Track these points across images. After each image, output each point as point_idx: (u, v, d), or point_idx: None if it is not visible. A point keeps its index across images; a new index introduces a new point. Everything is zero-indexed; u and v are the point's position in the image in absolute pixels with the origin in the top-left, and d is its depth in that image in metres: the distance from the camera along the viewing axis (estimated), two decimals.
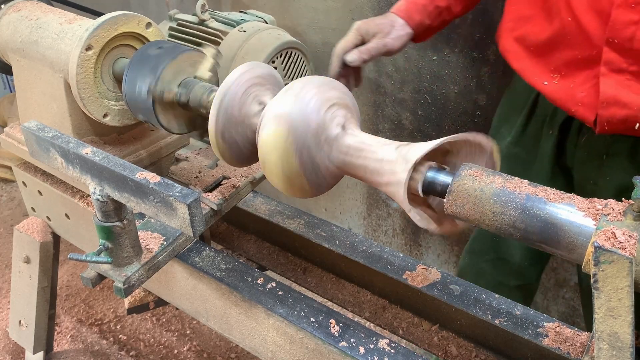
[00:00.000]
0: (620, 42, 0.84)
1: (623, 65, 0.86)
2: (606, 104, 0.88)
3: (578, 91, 0.93)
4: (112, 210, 0.89)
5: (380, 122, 1.83)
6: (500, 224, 0.69)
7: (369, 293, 1.14)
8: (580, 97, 0.92)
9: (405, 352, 0.88)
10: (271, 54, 1.32)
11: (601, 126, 0.90)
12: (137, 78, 0.95)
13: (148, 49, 0.97)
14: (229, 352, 1.81)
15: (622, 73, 0.86)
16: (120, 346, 1.83)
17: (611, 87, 0.87)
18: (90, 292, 2.03)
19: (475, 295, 1.01)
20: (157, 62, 0.94)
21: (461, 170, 0.73)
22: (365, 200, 2.05)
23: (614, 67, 0.87)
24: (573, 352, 0.90)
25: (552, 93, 0.97)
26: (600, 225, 0.61)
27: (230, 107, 0.85)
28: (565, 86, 0.95)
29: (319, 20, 1.79)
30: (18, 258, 1.45)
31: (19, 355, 1.76)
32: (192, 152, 1.25)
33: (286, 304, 0.97)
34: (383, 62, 1.71)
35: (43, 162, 0.97)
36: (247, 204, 1.26)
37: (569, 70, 0.94)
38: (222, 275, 1.03)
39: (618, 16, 0.83)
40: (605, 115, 0.89)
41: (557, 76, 0.96)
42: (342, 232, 1.17)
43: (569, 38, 0.91)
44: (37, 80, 1.10)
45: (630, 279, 0.58)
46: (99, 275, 0.94)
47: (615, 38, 0.84)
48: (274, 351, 1.00)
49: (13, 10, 1.16)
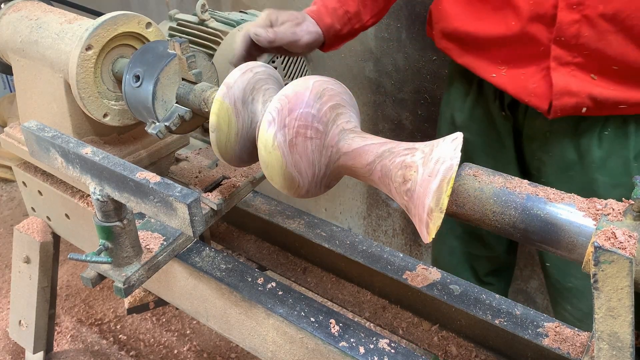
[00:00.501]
0: (567, 39, 0.93)
1: (569, 58, 0.94)
2: (559, 94, 0.96)
3: (529, 83, 0.99)
4: (112, 210, 0.89)
5: (380, 122, 1.83)
6: (500, 224, 0.69)
7: (369, 293, 1.14)
8: (532, 88, 0.99)
9: (405, 352, 0.88)
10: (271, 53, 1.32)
11: (554, 113, 0.98)
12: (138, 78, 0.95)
13: (148, 49, 0.97)
14: (229, 352, 1.81)
15: (569, 65, 0.95)
16: (120, 346, 1.83)
17: (562, 79, 0.95)
18: (90, 292, 2.03)
19: (475, 295, 1.01)
20: (157, 62, 0.94)
21: (461, 170, 0.73)
22: (365, 200, 2.05)
23: (562, 61, 0.95)
24: (573, 352, 0.90)
25: (503, 84, 1.03)
26: (600, 225, 0.61)
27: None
28: (515, 78, 1.01)
29: None
30: (18, 258, 1.45)
31: (19, 355, 1.76)
32: (192, 152, 1.25)
33: (286, 304, 0.97)
34: (383, 62, 1.71)
35: (43, 162, 0.97)
36: (247, 204, 1.26)
37: (516, 64, 1.01)
38: (222, 275, 1.03)
39: (563, 18, 0.91)
40: (558, 104, 0.97)
41: (504, 68, 1.02)
42: (342, 232, 1.17)
43: (515, 40, 0.98)
44: (37, 80, 1.10)
45: (630, 279, 0.58)
46: (99, 275, 0.94)
47: (562, 37, 0.93)
48: (274, 351, 1.00)
49: (13, 10, 1.16)
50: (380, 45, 1.69)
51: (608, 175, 1.02)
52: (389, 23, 1.63)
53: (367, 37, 1.71)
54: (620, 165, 1.01)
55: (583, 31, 0.91)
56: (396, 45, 1.65)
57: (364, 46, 1.73)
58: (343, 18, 1.08)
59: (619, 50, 0.91)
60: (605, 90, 0.94)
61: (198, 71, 0.95)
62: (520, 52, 0.99)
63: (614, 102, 0.95)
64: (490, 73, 1.04)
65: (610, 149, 1.01)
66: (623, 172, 1.01)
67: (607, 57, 0.92)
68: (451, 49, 1.11)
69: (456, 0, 1.06)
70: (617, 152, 1.01)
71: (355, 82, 1.81)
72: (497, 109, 1.11)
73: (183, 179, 1.14)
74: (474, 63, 1.07)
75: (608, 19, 0.89)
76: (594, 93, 0.95)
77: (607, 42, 0.91)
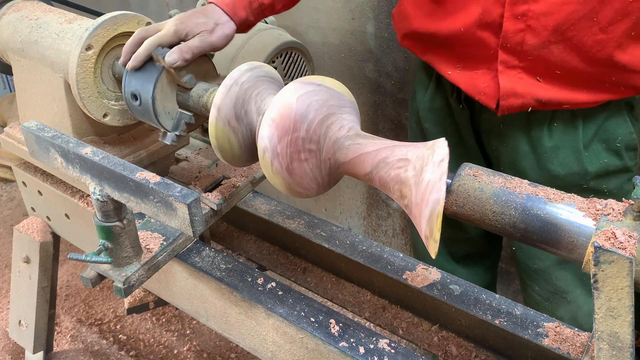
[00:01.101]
0: (512, 46, 0.98)
1: (515, 62, 1.00)
2: (505, 96, 1.01)
3: (479, 82, 1.04)
4: (112, 210, 0.89)
5: (380, 122, 1.83)
6: (500, 224, 0.69)
7: (369, 293, 1.14)
8: (482, 88, 1.04)
9: (405, 352, 0.88)
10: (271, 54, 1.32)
11: (502, 112, 1.04)
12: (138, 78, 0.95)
13: None
14: (229, 352, 1.81)
15: (515, 69, 1.00)
16: (120, 346, 1.83)
17: (508, 82, 1.01)
18: (90, 292, 2.03)
19: (475, 295, 1.01)
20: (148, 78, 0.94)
21: (461, 170, 0.73)
22: (365, 200, 2.05)
23: (508, 65, 1.00)
24: (573, 352, 0.90)
25: (457, 81, 1.08)
26: (600, 225, 0.61)
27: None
28: (467, 77, 1.06)
29: (319, 20, 1.79)
30: (18, 258, 1.45)
31: (19, 355, 1.76)
32: (192, 152, 1.25)
33: (286, 304, 0.97)
34: (383, 62, 1.71)
35: (43, 162, 0.97)
36: (247, 204, 1.26)
37: (469, 64, 1.06)
38: (222, 275, 1.03)
39: (508, 27, 0.96)
40: (505, 104, 1.02)
41: (460, 66, 1.07)
42: (342, 232, 1.17)
43: (467, 42, 1.03)
44: (37, 80, 1.10)
45: (630, 279, 0.58)
46: (99, 275, 0.94)
47: (508, 43, 0.98)
48: (274, 351, 1.00)
49: (13, 10, 1.16)
50: (380, 45, 1.69)
51: (560, 165, 1.07)
52: (389, 23, 1.63)
53: (367, 37, 1.71)
54: (571, 155, 1.06)
55: (527, 39, 0.96)
56: (396, 45, 1.65)
57: (364, 46, 1.73)
58: (257, 10, 1.06)
59: (560, 57, 0.96)
60: (549, 92, 1.00)
61: (189, 76, 0.95)
62: (472, 53, 1.04)
63: (557, 102, 1.00)
64: (446, 70, 1.09)
65: (561, 140, 1.06)
66: (574, 162, 1.06)
67: (550, 63, 0.97)
68: (414, 47, 1.17)
69: (415, 3, 1.11)
70: (567, 143, 1.06)
71: (355, 82, 1.81)
72: (455, 102, 1.16)
73: (183, 179, 1.14)
74: (433, 60, 1.13)
75: (550, 30, 0.94)
76: (539, 95, 1.00)
77: (549, 51, 0.96)
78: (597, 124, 1.04)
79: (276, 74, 0.92)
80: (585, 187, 1.07)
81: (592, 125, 1.04)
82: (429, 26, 1.08)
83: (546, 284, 1.18)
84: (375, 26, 1.67)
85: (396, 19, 1.20)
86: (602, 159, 1.05)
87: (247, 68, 0.87)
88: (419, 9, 1.10)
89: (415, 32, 1.12)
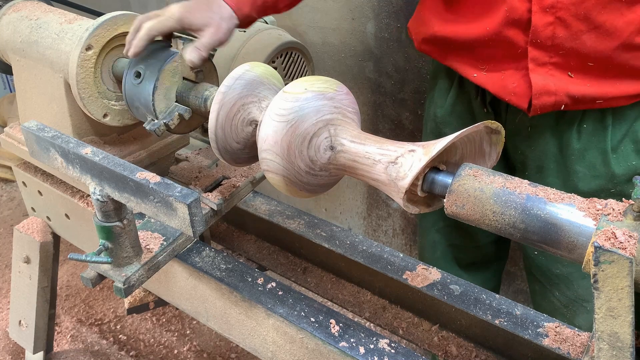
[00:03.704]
0: (542, 41, 0.95)
1: (545, 59, 0.97)
2: (538, 94, 0.99)
3: (509, 82, 1.02)
4: (112, 210, 0.89)
5: (380, 122, 1.83)
6: (500, 224, 0.69)
7: (369, 293, 1.14)
8: (512, 88, 1.02)
9: (406, 352, 0.88)
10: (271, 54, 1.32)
11: (534, 111, 1.01)
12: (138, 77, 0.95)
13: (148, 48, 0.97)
14: (229, 352, 1.81)
15: (545, 66, 0.98)
16: (120, 346, 1.83)
17: (540, 79, 0.98)
18: (90, 292, 2.03)
19: (475, 295, 1.01)
20: (157, 61, 0.94)
21: (461, 170, 0.73)
22: (365, 200, 2.05)
23: (539, 62, 0.98)
24: (573, 352, 0.90)
25: (484, 83, 1.06)
26: (600, 225, 0.61)
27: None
28: (495, 78, 1.04)
29: (319, 20, 1.79)
30: (18, 258, 1.45)
31: (19, 355, 1.76)
32: (192, 152, 1.25)
33: (286, 304, 0.97)
34: (383, 62, 1.71)
35: (43, 162, 0.97)
36: (247, 204, 1.26)
37: (496, 65, 1.04)
38: (222, 275, 1.03)
39: (537, 21, 0.94)
40: (538, 103, 0.99)
41: (485, 68, 1.05)
42: (342, 232, 1.17)
43: (493, 42, 1.00)
44: (37, 80, 1.10)
45: (631, 279, 0.58)
46: (99, 275, 0.94)
47: (538, 39, 0.95)
48: (274, 351, 1.00)
49: (13, 10, 1.16)
50: (380, 45, 1.69)
51: (587, 167, 1.05)
52: (389, 23, 1.63)
53: (367, 37, 1.71)
54: (599, 157, 1.04)
55: (558, 32, 0.94)
56: (396, 45, 1.65)
57: (364, 46, 1.73)
58: (260, 7, 1.05)
59: (593, 47, 0.94)
60: (582, 87, 0.97)
61: (200, 70, 0.95)
62: (498, 54, 1.02)
63: (591, 98, 0.98)
64: (471, 73, 1.07)
65: (589, 142, 1.04)
66: (602, 164, 1.04)
67: (583, 54, 0.95)
68: (433, 52, 1.14)
69: (434, 8, 1.09)
70: (595, 144, 1.04)
71: (355, 82, 1.81)
72: (479, 106, 1.14)
73: (183, 179, 1.14)
74: (455, 64, 1.10)
75: (581, 18, 0.92)
76: (572, 91, 0.98)
77: (582, 41, 0.93)
78: (628, 124, 1.02)
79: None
80: (612, 191, 1.04)
81: (622, 125, 1.02)
82: (450, 30, 1.06)
83: (567, 290, 1.17)
84: (375, 26, 1.67)
85: (413, 27, 1.18)
86: (630, 161, 1.03)
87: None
88: (438, 14, 1.08)
89: (434, 36, 1.10)
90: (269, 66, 0.91)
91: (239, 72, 0.86)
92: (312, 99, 0.79)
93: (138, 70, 0.94)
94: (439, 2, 1.09)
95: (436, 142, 0.73)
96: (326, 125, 0.79)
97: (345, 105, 0.82)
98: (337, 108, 0.81)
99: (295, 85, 0.80)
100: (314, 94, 0.79)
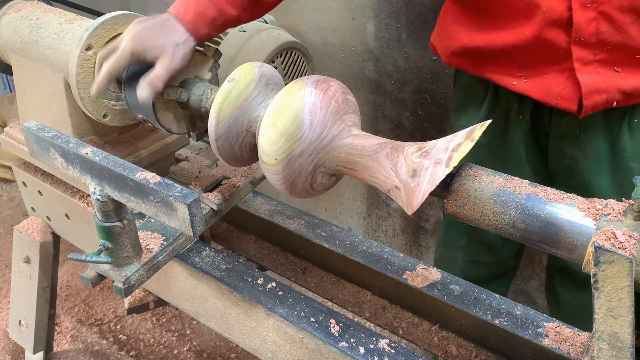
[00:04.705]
0: (586, 38, 0.92)
1: (590, 57, 0.94)
2: (589, 94, 0.95)
3: (553, 86, 0.98)
4: (112, 210, 0.89)
5: (380, 122, 1.83)
6: (500, 224, 0.69)
7: (369, 293, 1.14)
8: (557, 92, 0.98)
9: (406, 352, 0.88)
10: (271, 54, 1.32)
11: (585, 112, 0.97)
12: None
13: None
14: (229, 352, 1.81)
15: (591, 64, 0.94)
16: (120, 346, 1.83)
17: (588, 79, 0.94)
18: (90, 292, 2.03)
19: (475, 295, 1.01)
20: None
21: (461, 170, 0.73)
22: (365, 200, 2.05)
23: (585, 61, 0.94)
24: (573, 352, 0.90)
25: (525, 90, 1.01)
26: (600, 225, 0.61)
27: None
28: (537, 83, 1.00)
29: (319, 20, 1.79)
30: (18, 258, 1.45)
31: (19, 355, 1.76)
32: (192, 152, 1.25)
33: (286, 304, 0.97)
34: (383, 62, 1.71)
35: (43, 162, 0.97)
36: (247, 204, 1.26)
37: (536, 69, 0.99)
38: (222, 275, 1.03)
39: (579, 18, 0.90)
40: (589, 103, 0.96)
41: (524, 74, 1.01)
42: (342, 232, 1.17)
43: (532, 47, 0.96)
44: (37, 80, 1.10)
45: (631, 279, 0.58)
46: (99, 275, 0.94)
47: (581, 37, 0.92)
48: (274, 351, 1.00)
49: (13, 10, 1.16)
50: (380, 45, 1.69)
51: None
52: (389, 23, 1.63)
53: (367, 37, 1.71)
54: None
55: (601, 27, 0.90)
56: (396, 45, 1.65)
57: (364, 46, 1.73)
58: (220, 27, 0.99)
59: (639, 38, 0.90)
60: (632, 80, 0.94)
61: (179, 91, 0.93)
62: (539, 58, 0.97)
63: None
64: (509, 81, 1.02)
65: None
66: None
67: (629, 47, 0.92)
68: (463, 65, 1.09)
69: (458, 20, 1.05)
70: None
71: (355, 82, 1.81)
72: (516, 114, 1.09)
73: (183, 179, 1.14)
74: (490, 74, 1.05)
75: (625, 10, 0.88)
76: (622, 86, 0.94)
77: (627, 34, 0.90)
78: None
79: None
80: None
81: None
82: (481, 39, 1.01)
83: None
84: (375, 26, 1.67)
85: (437, 42, 1.13)
86: None
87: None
88: (465, 25, 1.04)
89: (465, 48, 1.05)
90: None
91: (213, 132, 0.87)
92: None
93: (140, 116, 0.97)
94: (463, 13, 1.05)
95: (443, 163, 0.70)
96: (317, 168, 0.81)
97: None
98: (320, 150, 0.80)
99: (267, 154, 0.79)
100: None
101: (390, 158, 0.74)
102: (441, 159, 0.66)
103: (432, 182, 0.65)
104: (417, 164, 0.69)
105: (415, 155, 0.71)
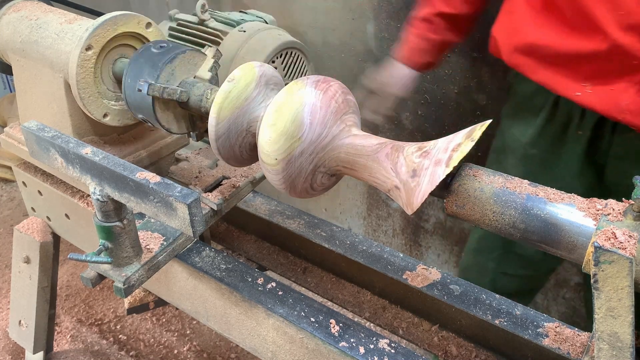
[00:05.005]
0: None
1: None
2: None
3: (621, 100, 0.91)
4: (112, 210, 0.89)
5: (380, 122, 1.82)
6: (500, 224, 0.69)
7: (369, 293, 1.14)
8: (624, 105, 0.91)
9: (406, 352, 0.88)
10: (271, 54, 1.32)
11: None
12: (137, 77, 0.95)
13: (148, 49, 0.97)
14: (229, 352, 1.81)
15: None
16: (120, 346, 1.83)
17: None
18: (90, 292, 2.03)
19: (475, 295, 1.01)
20: (157, 61, 0.94)
21: (461, 170, 0.73)
22: (365, 200, 2.05)
23: None
24: (573, 352, 0.90)
25: (590, 103, 0.94)
26: (600, 225, 0.61)
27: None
28: (603, 95, 0.93)
29: (319, 20, 1.79)
30: (18, 258, 1.45)
31: (19, 355, 1.76)
32: (192, 152, 1.25)
33: (286, 304, 0.97)
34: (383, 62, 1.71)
35: (43, 162, 0.97)
36: (247, 204, 1.26)
37: (603, 80, 0.93)
38: (222, 275, 1.03)
39: None
40: None
41: (588, 85, 0.94)
42: (342, 232, 1.17)
43: (604, 56, 0.90)
44: (37, 80, 1.10)
45: (631, 279, 0.58)
46: (99, 275, 0.94)
47: None
48: (274, 351, 1.00)
49: (13, 10, 1.16)
50: (380, 45, 1.69)
51: None
52: (389, 23, 1.63)
53: (367, 37, 1.71)
54: None
55: None
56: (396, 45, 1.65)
57: (364, 46, 1.73)
58: (434, 52, 1.16)
59: None
60: None
61: (179, 91, 0.93)
62: (608, 68, 0.91)
63: None
64: (573, 91, 0.96)
65: None
66: None
67: None
68: (524, 65, 1.03)
69: (532, 14, 0.98)
70: None
71: (355, 82, 1.81)
72: (574, 128, 1.03)
73: (183, 179, 1.14)
74: (552, 80, 0.99)
75: None
76: None
77: None
78: None
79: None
80: None
81: None
82: (551, 39, 0.94)
83: None
84: (375, 26, 1.67)
85: (501, 35, 1.05)
86: None
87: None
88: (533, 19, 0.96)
89: (531, 46, 0.98)
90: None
91: (213, 134, 0.87)
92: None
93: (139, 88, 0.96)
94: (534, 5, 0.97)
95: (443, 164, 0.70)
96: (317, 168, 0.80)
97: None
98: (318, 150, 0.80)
99: (267, 154, 0.79)
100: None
101: (390, 158, 0.73)
102: (441, 159, 0.66)
103: (432, 182, 0.65)
104: (417, 164, 0.69)
105: (415, 155, 0.70)
